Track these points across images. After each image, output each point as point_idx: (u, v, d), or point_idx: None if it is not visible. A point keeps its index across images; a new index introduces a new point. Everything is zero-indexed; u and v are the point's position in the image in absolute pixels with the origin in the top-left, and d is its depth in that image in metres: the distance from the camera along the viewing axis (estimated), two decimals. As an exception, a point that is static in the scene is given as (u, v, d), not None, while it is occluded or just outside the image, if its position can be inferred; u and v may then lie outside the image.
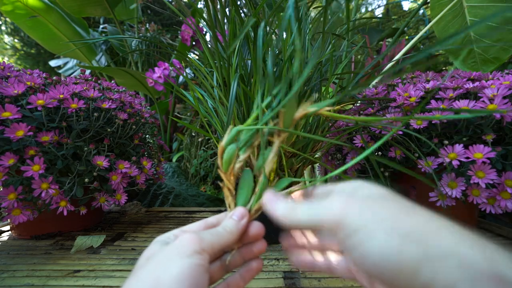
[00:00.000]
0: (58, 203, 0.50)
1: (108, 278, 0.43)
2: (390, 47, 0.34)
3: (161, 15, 3.31)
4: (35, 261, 0.48)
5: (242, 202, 0.25)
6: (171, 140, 1.61)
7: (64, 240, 0.57)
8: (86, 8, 1.49)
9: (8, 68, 0.57)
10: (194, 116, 1.50)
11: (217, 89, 0.53)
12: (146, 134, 0.73)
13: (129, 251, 0.52)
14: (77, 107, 0.52)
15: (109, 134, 0.58)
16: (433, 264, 0.15)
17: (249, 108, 0.51)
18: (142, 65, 1.71)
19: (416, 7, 0.37)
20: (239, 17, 0.49)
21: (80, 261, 0.48)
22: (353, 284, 0.41)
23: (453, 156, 0.47)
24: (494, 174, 0.44)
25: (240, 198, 0.25)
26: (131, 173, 0.57)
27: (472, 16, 0.78)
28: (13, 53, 4.27)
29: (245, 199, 0.25)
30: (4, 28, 4.06)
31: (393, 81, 0.62)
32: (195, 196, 0.94)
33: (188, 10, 1.40)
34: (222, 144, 0.25)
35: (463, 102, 0.49)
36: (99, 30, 2.08)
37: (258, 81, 0.46)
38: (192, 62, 0.56)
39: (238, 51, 0.45)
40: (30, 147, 0.49)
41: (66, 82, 0.61)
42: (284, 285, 0.41)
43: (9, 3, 1.39)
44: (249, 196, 0.25)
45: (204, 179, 1.26)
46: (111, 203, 0.56)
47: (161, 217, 0.72)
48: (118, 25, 1.57)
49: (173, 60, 1.37)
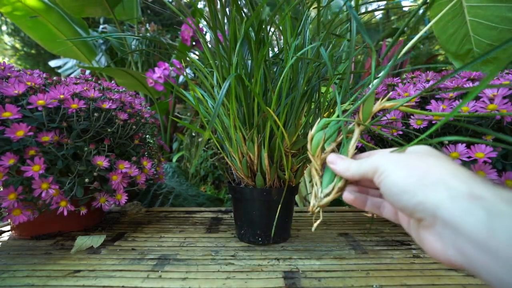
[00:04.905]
0: (58, 203, 0.50)
1: (109, 278, 0.43)
2: (389, 47, 0.34)
3: (161, 15, 3.31)
4: (35, 261, 0.48)
5: (327, 181, 0.30)
6: (171, 140, 1.62)
7: (65, 240, 0.57)
8: (86, 8, 1.49)
9: (9, 68, 0.57)
10: (194, 116, 1.50)
11: (217, 88, 0.53)
12: (146, 134, 0.73)
13: (130, 251, 0.52)
14: (77, 107, 0.52)
15: (109, 134, 0.58)
16: (426, 188, 0.21)
17: (249, 108, 0.51)
18: (142, 65, 1.71)
19: (416, 7, 0.37)
20: (239, 16, 0.49)
21: (81, 261, 0.48)
22: (353, 284, 0.41)
23: (455, 155, 0.47)
24: (494, 174, 0.44)
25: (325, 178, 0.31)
26: (131, 173, 0.57)
27: (471, 16, 0.78)
28: (13, 53, 4.27)
29: (330, 178, 0.30)
30: (4, 28, 4.06)
31: (393, 81, 0.63)
32: (195, 196, 0.94)
33: (188, 10, 1.40)
34: (312, 132, 0.31)
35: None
36: (99, 30, 2.08)
37: (258, 81, 0.46)
38: (192, 62, 0.56)
39: (238, 51, 0.45)
40: (31, 147, 0.49)
41: (66, 82, 0.61)
42: (284, 285, 0.41)
43: (9, 4, 1.39)
44: (333, 177, 0.30)
45: (204, 179, 1.26)
46: (112, 203, 0.56)
47: (162, 217, 0.72)
48: (118, 25, 1.57)
49: (173, 60, 1.37)
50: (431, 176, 0.22)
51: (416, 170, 0.23)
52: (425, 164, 0.23)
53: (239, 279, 0.42)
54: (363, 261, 0.48)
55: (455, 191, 0.20)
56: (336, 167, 0.29)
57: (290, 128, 0.51)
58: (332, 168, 0.29)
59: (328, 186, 0.30)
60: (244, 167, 0.53)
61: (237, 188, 0.54)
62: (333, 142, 0.31)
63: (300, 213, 0.74)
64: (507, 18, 0.74)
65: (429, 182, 0.21)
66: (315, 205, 0.30)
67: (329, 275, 0.43)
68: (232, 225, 0.66)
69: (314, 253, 0.51)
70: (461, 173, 0.21)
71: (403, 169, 0.23)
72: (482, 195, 0.19)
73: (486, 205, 0.18)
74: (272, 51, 0.61)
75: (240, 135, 0.51)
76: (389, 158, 0.25)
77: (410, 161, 0.24)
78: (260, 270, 0.45)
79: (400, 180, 0.23)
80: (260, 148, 0.51)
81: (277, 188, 0.53)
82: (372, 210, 0.30)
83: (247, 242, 0.56)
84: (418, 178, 0.22)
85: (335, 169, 0.29)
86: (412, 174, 0.22)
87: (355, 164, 0.27)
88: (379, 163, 0.25)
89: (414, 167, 0.23)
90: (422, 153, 0.25)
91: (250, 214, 0.54)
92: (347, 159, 0.29)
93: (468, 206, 0.19)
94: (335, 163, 0.29)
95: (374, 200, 0.30)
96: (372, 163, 0.26)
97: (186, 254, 0.51)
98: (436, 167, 0.22)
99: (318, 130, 0.31)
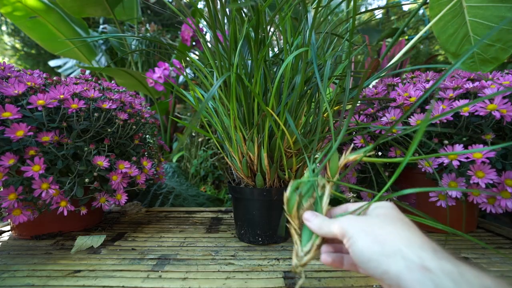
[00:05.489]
0: (58, 203, 0.50)
1: (109, 278, 0.43)
2: (389, 48, 0.34)
3: (161, 15, 3.32)
4: (35, 261, 0.48)
5: (306, 238, 0.31)
6: (171, 140, 1.62)
7: (65, 240, 0.57)
8: (86, 9, 1.49)
9: (9, 68, 0.57)
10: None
11: (217, 89, 0.53)
12: (146, 134, 0.73)
13: (130, 251, 0.52)
14: (77, 108, 0.52)
15: (109, 134, 0.58)
16: (388, 257, 0.23)
17: (249, 108, 0.51)
18: (142, 65, 1.71)
19: (416, 7, 0.37)
20: (239, 16, 0.49)
21: (81, 261, 0.48)
22: (353, 284, 0.41)
23: (453, 156, 0.47)
24: (494, 174, 0.44)
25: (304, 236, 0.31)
26: (131, 173, 0.57)
27: (471, 16, 0.78)
28: (13, 53, 4.27)
29: (308, 236, 0.31)
30: (4, 28, 4.06)
31: (393, 81, 0.63)
32: (195, 196, 0.94)
33: (188, 10, 1.40)
34: (286, 194, 0.33)
35: (463, 102, 0.49)
36: (99, 31, 2.08)
37: (258, 81, 0.46)
38: (192, 62, 0.56)
39: (239, 51, 0.45)
40: (31, 147, 0.49)
41: (66, 82, 0.61)
42: (284, 285, 0.41)
43: (9, 4, 1.39)
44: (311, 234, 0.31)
45: (204, 179, 1.26)
46: (112, 203, 0.57)
47: (162, 217, 0.72)
48: (118, 25, 1.57)
49: (173, 60, 1.37)
50: (390, 246, 0.24)
51: (377, 238, 0.25)
52: (384, 231, 0.25)
53: (239, 279, 0.42)
54: (363, 261, 0.48)
55: (410, 262, 0.22)
56: (311, 224, 0.30)
57: (289, 128, 0.51)
58: (308, 226, 0.31)
59: (307, 244, 0.31)
60: (244, 167, 0.53)
61: (237, 188, 0.54)
62: (310, 197, 0.32)
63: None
64: (506, 18, 0.74)
65: (388, 252, 0.23)
66: (297, 265, 0.30)
67: (329, 275, 0.43)
68: (232, 225, 0.66)
69: (314, 253, 0.51)
70: (414, 241, 0.24)
71: (366, 237, 0.25)
72: (431, 267, 0.21)
73: (433, 278, 0.21)
74: (272, 51, 0.61)
75: (240, 135, 0.51)
76: (354, 224, 0.27)
77: (372, 228, 0.26)
78: (260, 270, 0.45)
79: (365, 249, 0.25)
80: (260, 148, 0.51)
81: (277, 188, 0.53)
82: (350, 268, 0.31)
83: (247, 242, 0.56)
84: (379, 247, 0.24)
85: (310, 226, 0.30)
86: (374, 242, 0.25)
87: (326, 224, 0.29)
88: (345, 229, 0.27)
89: (376, 234, 0.25)
90: (383, 216, 0.27)
91: (250, 214, 0.54)
92: (320, 217, 0.30)
93: (421, 278, 0.21)
94: (310, 220, 0.31)
95: (350, 259, 0.31)
96: (340, 228, 0.28)
97: (186, 254, 0.51)
98: (392, 235, 0.25)
99: (292, 191, 0.33)
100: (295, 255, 0.31)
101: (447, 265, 0.21)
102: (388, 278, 0.23)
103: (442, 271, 0.21)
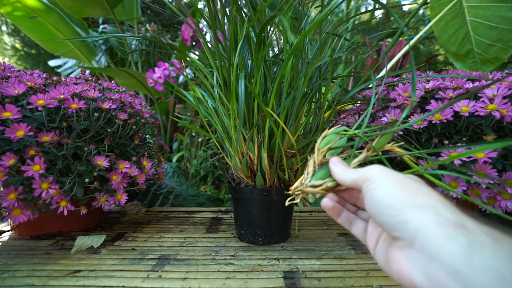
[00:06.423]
0: (58, 203, 0.50)
1: (109, 278, 0.43)
2: (389, 48, 0.34)
3: (161, 15, 3.31)
4: (35, 261, 0.48)
5: (319, 176, 0.32)
6: (171, 140, 1.62)
7: (65, 240, 0.57)
8: (86, 9, 1.49)
9: (9, 68, 0.57)
10: (194, 116, 1.50)
11: (217, 88, 0.53)
12: (146, 134, 0.73)
13: (130, 251, 0.52)
14: (77, 108, 0.52)
15: (109, 134, 0.58)
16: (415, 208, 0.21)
17: (250, 108, 0.51)
18: (142, 65, 1.71)
19: (416, 7, 0.37)
20: (240, 16, 0.49)
21: (81, 261, 0.48)
22: (353, 284, 0.41)
23: (455, 155, 0.47)
24: (494, 174, 0.44)
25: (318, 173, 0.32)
26: (131, 173, 0.57)
27: (472, 16, 0.78)
28: (13, 53, 4.27)
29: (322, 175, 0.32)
30: (4, 28, 4.06)
31: (393, 81, 0.62)
32: (195, 196, 0.94)
33: (188, 10, 1.40)
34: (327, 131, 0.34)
35: (463, 102, 0.49)
36: (99, 30, 2.08)
37: (258, 81, 0.46)
38: (192, 62, 0.56)
39: (239, 51, 0.45)
40: (31, 147, 0.49)
41: (66, 82, 0.61)
42: (284, 285, 0.41)
43: (8, 4, 1.39)
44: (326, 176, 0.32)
45: (204, 179, 1.26)
46: (112, 203, 0.57)
47: (162, 217, 0.72)
48: (118, 25, 1.57)
49: (173, 60, 1.37)
50: (422, 199, 0.22)
51: (408, 189, 0.23)
52: (417, 187, 0.23)
53: (239, 279, 0.42)
54: (363, 261, 0.48)
55: (442, 218, 0.20)
56: (334, 167, 0.30)
57: (290, 129, 0.51)
58: (331, 168, 0.31)
59: (318, 180, 0.31)
60: (244, 167, 0.53)
61: (237, 188, 0.54)
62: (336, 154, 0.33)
63: (300, 213, 0.74)
64: (507, 18, 0.74)
65: (419, 204, 0.22)
66: (297, 187, 0.32)
67: (329, 275, 0.43)
68: (232, 225, 0.66)
69: (314, 253, 0.51)
70: (449, 204, 0.22)
71: (395, 184, 0.24)
72: (467, 225, 0.19)
73: (469, 235, 0.19)
74: (272, 51, 0.61)
75: (240, 135, 0.51)
76: (384, 171, 0.26)
77: (404, 180, 0.24)
78: (260, 270, 0.45)
79: (390, 194, 0.23)
80: (260, 148, 0.51)
81: (277, 188, 0.53)
82: (343, 223, 0.32)
83: (247, 242, 0.56)
84: (409, 198, 0.22)
85: (333, 169, 0.30)
86: (403, 191, 0.23)
87: (351, 170, 0.29)
88: (372, 172, 0.26)
89: (407, 185, 0.23)
90: (414, 179, 0.26)
91: (250, 214, 0.54)
92: (346, 165, 0.31)
93: (451, 233, 0.19)
94: (336, 164, 0.31)
95: (348, 215, 0.32)
96: (366, 171, 0.26)
97: (186, 254, 0.51)
98: (427, 193, 0.23)
99: (334, 133, 0.34)
100: (300, 182, 0.32)
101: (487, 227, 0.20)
102: (403, 229, 0.21)
103: (483, 230, 0.19)
